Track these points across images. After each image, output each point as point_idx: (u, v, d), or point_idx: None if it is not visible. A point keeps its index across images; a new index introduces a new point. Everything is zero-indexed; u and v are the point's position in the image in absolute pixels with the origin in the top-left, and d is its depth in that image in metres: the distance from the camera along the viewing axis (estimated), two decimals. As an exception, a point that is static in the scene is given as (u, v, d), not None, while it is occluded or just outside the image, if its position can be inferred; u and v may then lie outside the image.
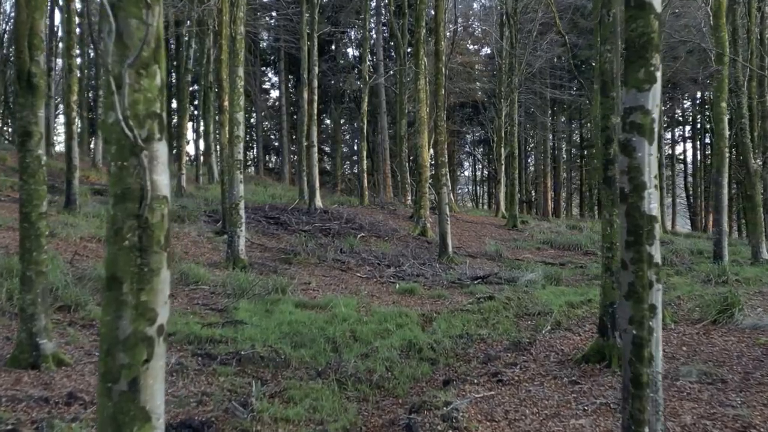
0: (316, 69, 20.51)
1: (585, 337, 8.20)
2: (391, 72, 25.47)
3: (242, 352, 7.43)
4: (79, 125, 23.98)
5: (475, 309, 10.18)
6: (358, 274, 14.48)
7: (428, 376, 7.22)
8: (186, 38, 24.41)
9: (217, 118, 23.06)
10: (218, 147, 23.49)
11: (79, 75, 28.17)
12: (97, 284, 10.41)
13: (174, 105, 31.94)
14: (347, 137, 48.71)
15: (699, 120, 39.56)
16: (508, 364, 7.08)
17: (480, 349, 8.05)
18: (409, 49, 26.34)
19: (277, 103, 40.33)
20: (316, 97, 20.41)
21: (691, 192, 41.48)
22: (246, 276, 12.36)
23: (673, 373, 6.27)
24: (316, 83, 20.47)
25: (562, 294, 11.71)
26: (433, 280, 14.10)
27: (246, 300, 10.76)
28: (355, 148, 39.76)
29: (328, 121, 46.62)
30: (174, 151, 24.57)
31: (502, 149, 26.21)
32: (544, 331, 8.32)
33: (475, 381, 6.59)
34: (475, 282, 13.75)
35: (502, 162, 26.53)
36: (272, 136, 46.84)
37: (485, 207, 49.10)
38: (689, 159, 42.96)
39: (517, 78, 23.98)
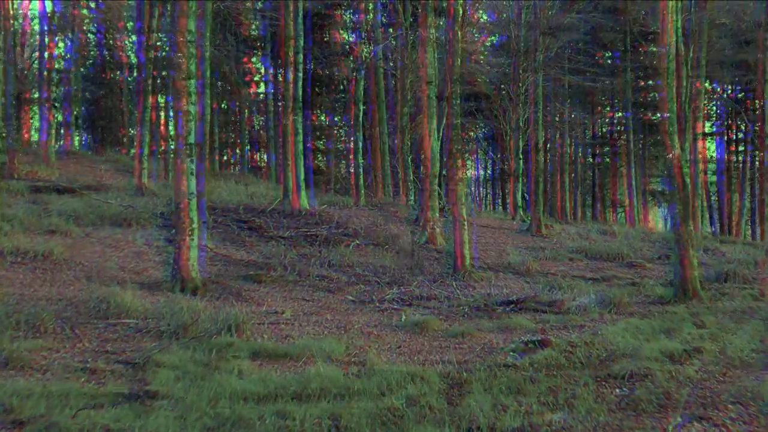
0: (302, 41, 16.95)
1: (741, 436, 4.69)
2: (394, 35, 21.58)
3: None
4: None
5: (526, 364, 6.66)
6: (350, 297, 11.00)
7: None
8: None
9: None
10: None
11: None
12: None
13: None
14: (343, 136, 45.35)
15: (731, 112, 36.21)
16: None
17: (559, 461, 4.53)
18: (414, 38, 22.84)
19: (263, 96, 36.87)
20: (301, 75, 16.84)
21: (714, 192, 38.35)
22: (192, 304, 8.89)
23: None
24: (301, 58, 16.90)
25: (640, 332, 8.19)
26: (450, 306, 10.63)
27: (180, 345, 7.23)
28: (351, 145, 36.24)
29: (323, 118, 43.24)
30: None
31: (520, 141, 22.70)
32: (671, 427, 4.76)
33: None
34: (507, 309, 10.28)
35: (520, 156, 23.01)
36: (262, 132, 43.42)
37: (490, 209, 45.62)
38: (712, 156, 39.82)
39: (542, 54, 20.42)
